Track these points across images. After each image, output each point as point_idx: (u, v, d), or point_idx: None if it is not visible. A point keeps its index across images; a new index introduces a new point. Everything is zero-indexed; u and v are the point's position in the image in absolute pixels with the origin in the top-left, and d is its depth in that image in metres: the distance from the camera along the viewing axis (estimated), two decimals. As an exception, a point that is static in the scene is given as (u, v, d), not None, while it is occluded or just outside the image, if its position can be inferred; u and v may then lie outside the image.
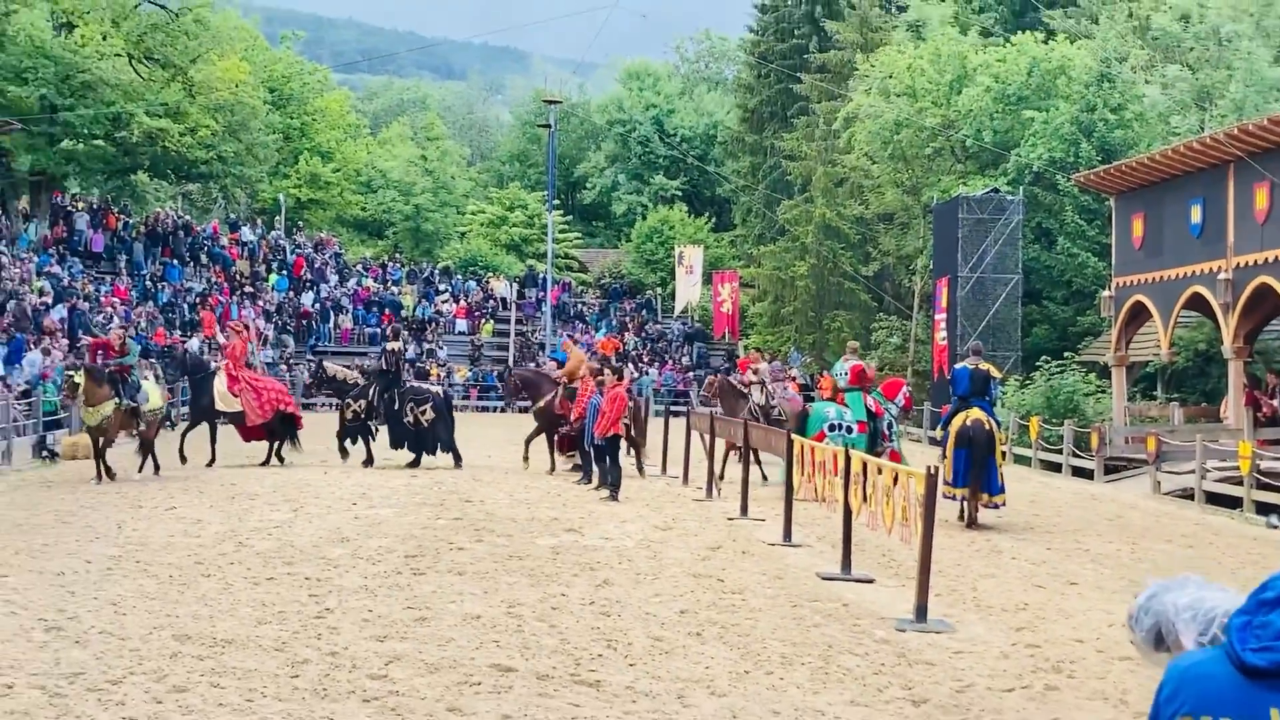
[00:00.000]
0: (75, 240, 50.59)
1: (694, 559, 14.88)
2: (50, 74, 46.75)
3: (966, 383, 19.66)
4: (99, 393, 21.54)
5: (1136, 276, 31.13)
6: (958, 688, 9.44)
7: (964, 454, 18.91)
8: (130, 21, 51.26)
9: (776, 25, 64.84)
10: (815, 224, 51.99)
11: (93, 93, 47.87)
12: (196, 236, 56.70)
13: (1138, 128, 41.17)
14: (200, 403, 25.59)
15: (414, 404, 25.43)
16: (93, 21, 49.62)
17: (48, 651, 9.68)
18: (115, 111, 48.31)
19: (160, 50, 51.63)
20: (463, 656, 9.82)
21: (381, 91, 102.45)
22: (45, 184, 51.02)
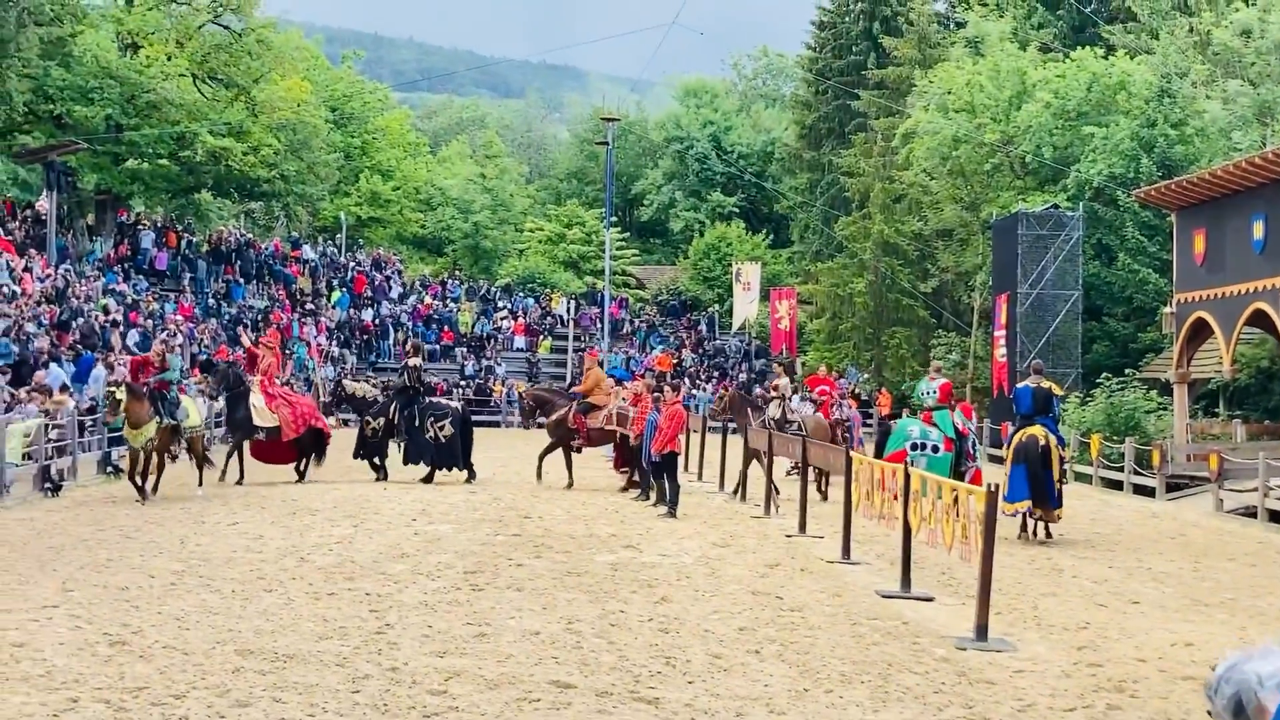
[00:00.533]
0: (140, 258, 51.11)
1: (752, 576, 14.84)
2: (116, 94, 47.25)
3: (1029, 401, 20.07)
4: (142, 412, 21.07)
5: (1198, 293, 30.83)
6: (1019, 707, 9.37)
7: (1022, 469, 19.29)
8: (194, 42, 51.75)
9: (834, 42, 64.77)
10: (873, 240, 51.84)
11: (157, 112, 48.34)
12: (259, 254, 57.18)
13: (1199, 143, 40.84)
14: (236, 417, 25.10)
15: (434, 419, 25.38)
16: (157, 42, 50.11)
17: (112, 666, 9.76)
18: (179, 131, 48.76)
19: (224, 70, 52.09)
20: (522, 673, 9.83)
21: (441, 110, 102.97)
22: (110, 203, 51.54)
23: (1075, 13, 53.88)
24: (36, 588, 13.04)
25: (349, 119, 68.88)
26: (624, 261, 69.24)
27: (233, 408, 25.21)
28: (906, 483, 13.80)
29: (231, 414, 25.31)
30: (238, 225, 64.24)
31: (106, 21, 50.19)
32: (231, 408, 25.28)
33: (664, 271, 73.53)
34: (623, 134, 74.57)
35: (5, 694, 8.90)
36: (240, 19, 52.43)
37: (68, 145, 44.98)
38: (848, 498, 16.49)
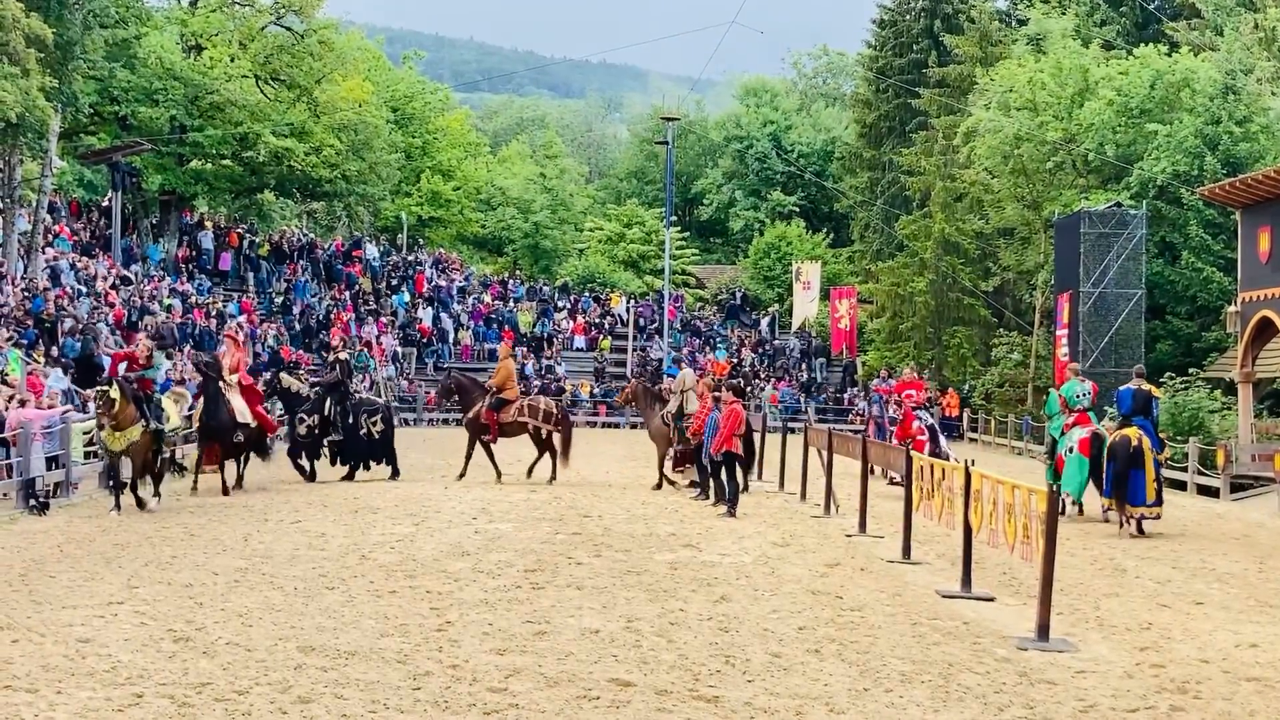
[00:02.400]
0: (203, 259, 51.56)
1: (812, 575, 14.81)
2: (180, 95, 47.72)
3: (1130, 402, 21.12)
4: (127, 413, 19.33)
5: (1263, 291, 30.49)
6: (1081, 708, 9.30)
7: (1111, 467, 20.36)
8: (257, 43, 52.18)
9: (895, 40, 64.56)
10: (934, 239, 51.58)
11: (221, 114, 48.78)
12: (321, 254, 57.56)
13: (1264, 140, 40.42)
14: (220, 418, 22.51)
15: (367, 415, 25.25)
16: (221, 44, 50.57)
17: (176, 662, 9.85)
18: (242, 132, 49.19)
19: (286, 71, 52.49)
20: (581, 671, 9.85)
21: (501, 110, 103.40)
22: (174, 203, 52.02)
23: (1138, 9, 53.46)
24: (102, 584, 13.18)
25: (410, 119, 69.19)
26: (683, 261, 69.27)
27: (212, 408, 22.57)
28: (968, 483, 13.73)
29: (213, 415, 22.52)
30: (300, 225, 64.69)
31: (171, 24, 50.71)
32: (211, 408, 22.58)
33: (724, 271, 73.51)
34: (682, 133, 74.60)
35: (72, 689, 9.00)
36: (302, 20, 52.83)
37: (133, 146, 45.48)
38: (908, 497, 16.42)
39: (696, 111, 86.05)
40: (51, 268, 39.17)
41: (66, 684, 9.13)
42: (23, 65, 31.91)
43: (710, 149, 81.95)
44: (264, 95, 51.61)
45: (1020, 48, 51.04)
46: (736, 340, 60.01)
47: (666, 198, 63.17)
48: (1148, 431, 20.64)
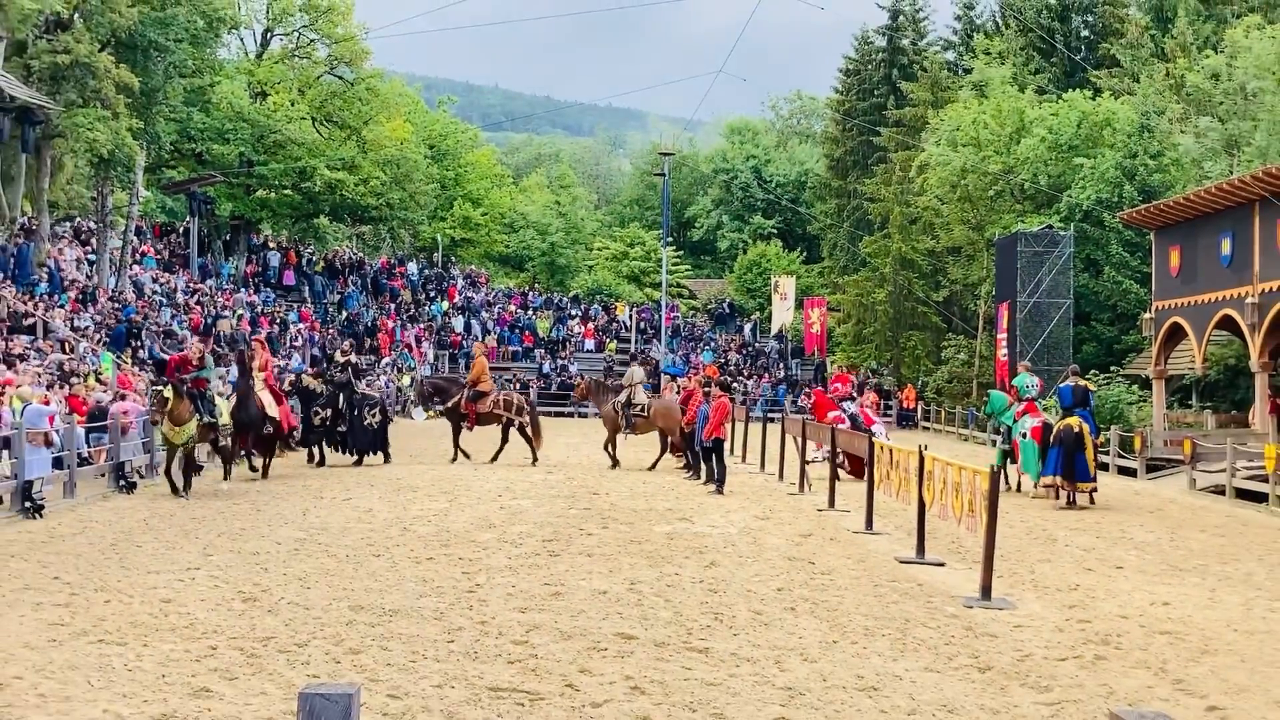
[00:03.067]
0: (269, 274, 51.58)
1: (789, 544, 14.81)
2: (247, 135, 47.73)
3: (1070, 397, 21.63)
4: (184, 410, 18.86)
5: (1174, 300, 30.50)
6: (1018, 657, 9.30)
7: (1058, 451, 20.76)
8: (314, 90, 52.21)
9: (858, 86, 64.54)
10: (893, 256, 51.59)
11: (282, 150, 48.80)
12: (368, 270, 57.60)
13: (1174, 172, 40.43)
14: (250, 412, 21.39)
15: (368, 408, 25.06)
16: (282, 90, 50.60)
17: (245, 619, 9.85)
18: (301, 166, 49.19)
19: (338, 114, 52.51)
20: (591, 626, 9.85)
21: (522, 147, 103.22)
22: (243, 227, 52.06)
23: (1066, 60, 53.43)
24: (181, 552, 13.19)
25: (444, 155, 69.14)
26: (678, 275, 69.26)
27: (244, 404, 21.47)
28: (921, 464, 13.73)
29: (244, 409, 21.42)
30: (350, 245, 64.68)
31: (240, 73, 50.70)
32: (243, 402, 21.48)
33: (713, 284, 73.53)
34: (677, 166, 74.52)
35: (156, 642, 9.01)
36: (352, 70, 52.87)
37: (207, 178, 45.49)
38: (870, 477, 16.42)
39: (689, 147, 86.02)
40: (136, 282, 39.17)
41: (151, 638, 9.13)
42: (113, 109, 31.91)
43: (701, 179, 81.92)
44: (319, 134, 51.62)
45: (966, 93, 51.02)
46: (724, 343, 59.99)
47: (663, 221, 63.09)
48: (1088, 420, 21.24)
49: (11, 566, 12.18)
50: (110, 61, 31.73)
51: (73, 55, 30.77)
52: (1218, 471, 23.96)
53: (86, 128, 31.09)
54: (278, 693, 7.80)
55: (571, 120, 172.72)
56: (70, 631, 9.29)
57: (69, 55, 30.75)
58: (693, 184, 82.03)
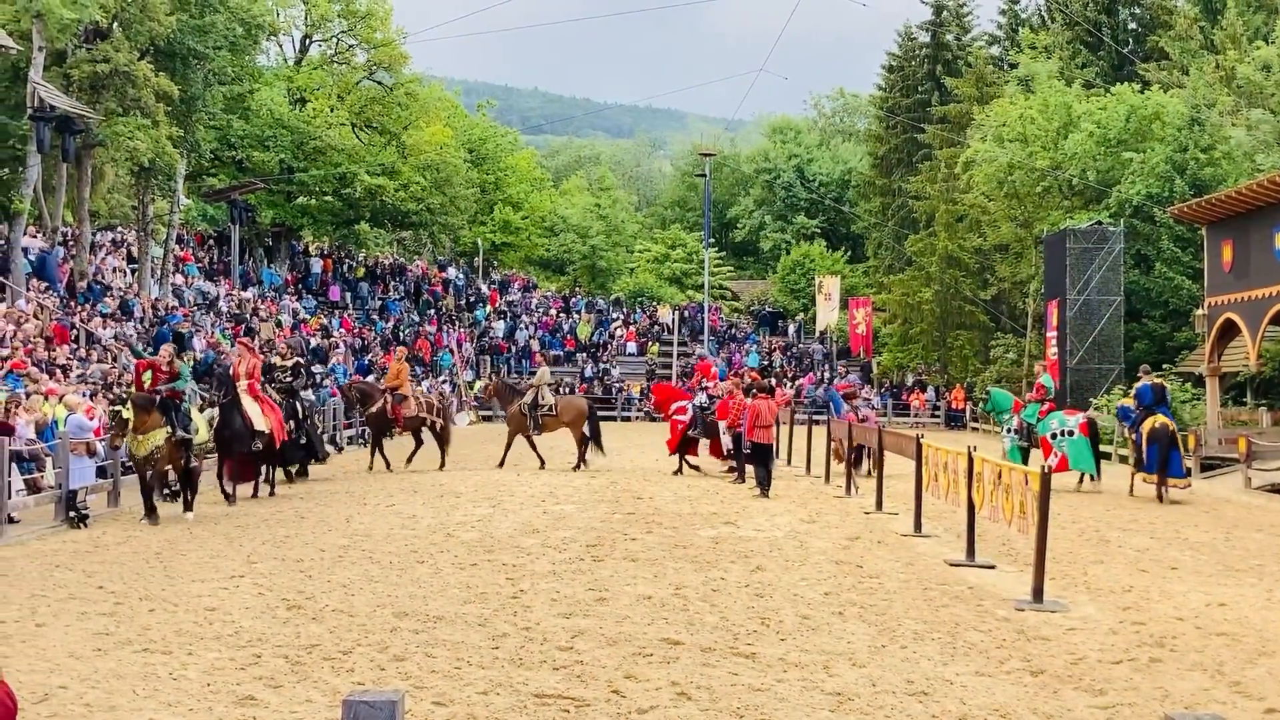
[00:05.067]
0: (310, 280, 51.95)
1: (836, 548, 14.75)
2: (288, 141, 48.09)
3: (1150, 395, 22.40)
4: (148, 420, 16.74)
5: (1227, 296, 30.18)
6: (1071, 660, 9.23)
7: (1155, 449, 21.41)
8: (353, 96, 52.54)
9: (902, 83, 64.26)
10: (939, 255, 51.35)
11: (322, 156, 49.12)
12: (409, 276, 57.91)
13: (1226, 165, 39.98)
14: (234, 427, 19.23)
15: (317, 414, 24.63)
16: (322, 96, 50.94)
17: (290, 626, 9.91)
18: (341, 172, 49.51)
19: (378, 119, 52.82)
20: (637, 631, 9.84)
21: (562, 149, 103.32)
22: (284, 234, 52.43)
23: (1114, 53, 52.98)
24: (226, 560, 13.28)
25: (484, 159, 69.37)
26: (720, 277, 69.14)
27: (227, 417, 19.34)
28: (971, 466, 13.65)
29: (228, 424, 19.26)
30: (391, 251, 65.02)
31: (279, 80, 51.06)
32: (225, 418, 19.35)
33: (755, 285, 73.36)
34: (718, 167, 74.47)
35: (201, 650, 9.07)
36: (391, 75, 53.20)
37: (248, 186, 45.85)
38: (919, 478, 16.34)
39: (730, 148, 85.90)
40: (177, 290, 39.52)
41: (196, 646, 9.20)
42: (153, 117, 32.21)
43: (742, 180, 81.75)
44: (359, 140, 51.93)
45: (1011, 88, 50.67)
46: (767, 345, 59.89)
47: (705, 223, 63.02)
48: (1171, 418, 22.20)
49: (57, 576, 12.30)
50: (150, 70, 32.04)
51: (112, 64, 31.08)
52: (1274, 470, 23.75)
53: (127, 136, 31.40)
54: (323, 700, 7.84)
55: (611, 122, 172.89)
56: (115, 640, 9.37)
57: (108, 64, 31.07)
58: (734, 184, 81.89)
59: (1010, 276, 47.94)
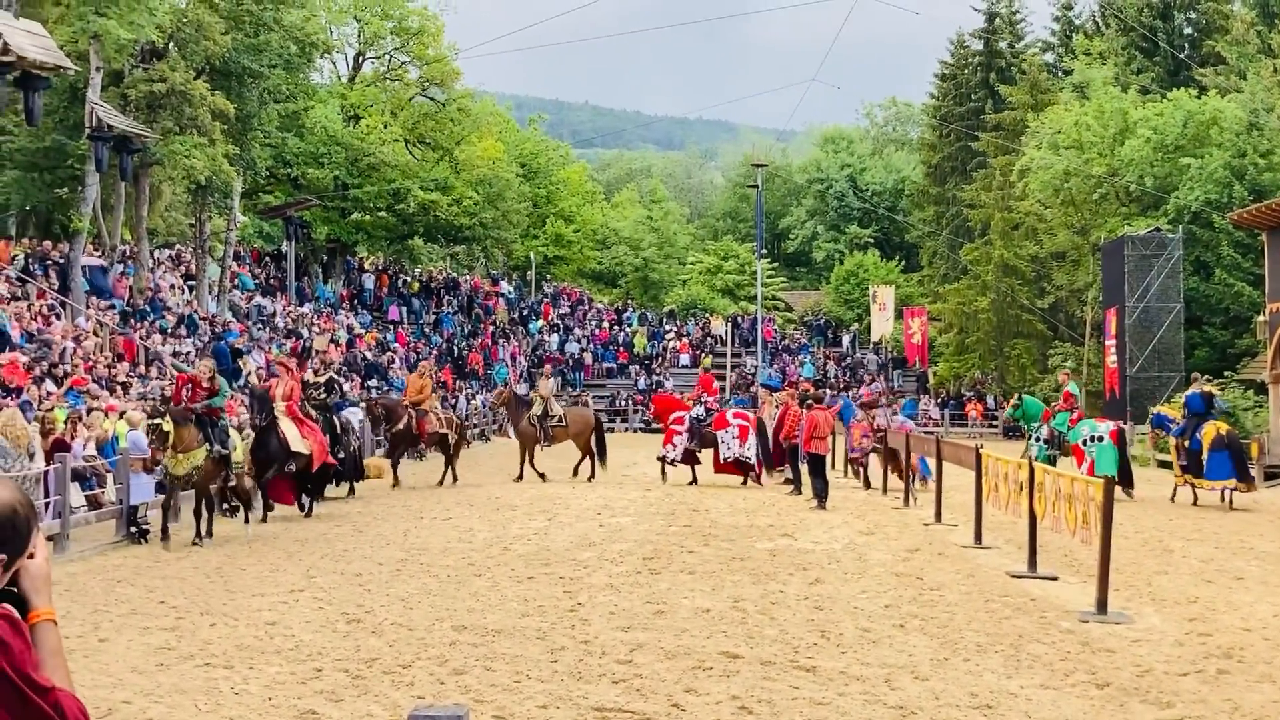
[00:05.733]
0: (365, 296, 52.33)
1: (895, 560, 14.65)
2: (341, 158, 48.46)
3: (1200, 403, 22.43)
4: (186, 437, 16.31)
5: (1289, 302, 29.80)
6: (1137, 672, 9.10)
7: (1222, 455, 21.40)
8: (406, 112, 52.90)
9: (955, 91, 63.95)
10: (994, 263, 51.02)
11: (376, 173, 49.45)
12: (463, 289, 58.21)
13: (1285, 170, 39.60)
14: (270, 448, 18.84)
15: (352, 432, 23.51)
16: (375, 113, 51.29)
17: (350, 640, 9.94)
18: (395, 188, 49.82)
19: (431, 135, 53.13)
20: (696, 645, 9.80)
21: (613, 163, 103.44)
22: (339, 249, 52.82)
23: (1170, 58, 52.49)
24: (285, 575, 13.36)
25: (536, 173, 69.58)
26: (773, 288, 68.96)
27: (263, 439, 19.03)
28: (1032, 476, 13.52)
29: (263, 445, 18.94)
30: (445, 266, 65.36)
31: (333, 97, 51.46)
32: (262, 439, 19.06)
33: (809, 296, 73.11)
34: (770, 178, 74.31)
35: (262, 665, 9.12)
36: (443, 91, 53.50)
37: (303, 202, 46.22)
38: (979, 489, 16.20)
39: (782, 158, 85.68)
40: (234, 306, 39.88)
41: (257, 661, 9.25)
42: (210, 136, 32.53)
43: (795, 190, 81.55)
44: (412, 156, 52.23)
45: (1066, 94, 50.31)
46: (822, 356, 59.68)
47: (757, 233, 62.84)
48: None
49: (118, 591, 12.42)
50: (205, 89, 32.37)
51: (169, 83, 31.42)
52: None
53: (184, 155, 31.72)
54: (384, 714, 7.85)
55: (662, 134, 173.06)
56: (177, 655, 9.44)
57: (165, 84, 31.41)
58: (786, 195, 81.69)
59: (1067, 284, 47.55)
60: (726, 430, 25.29)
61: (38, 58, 24.12)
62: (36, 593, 2.98)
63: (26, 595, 2.96)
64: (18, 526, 2.90)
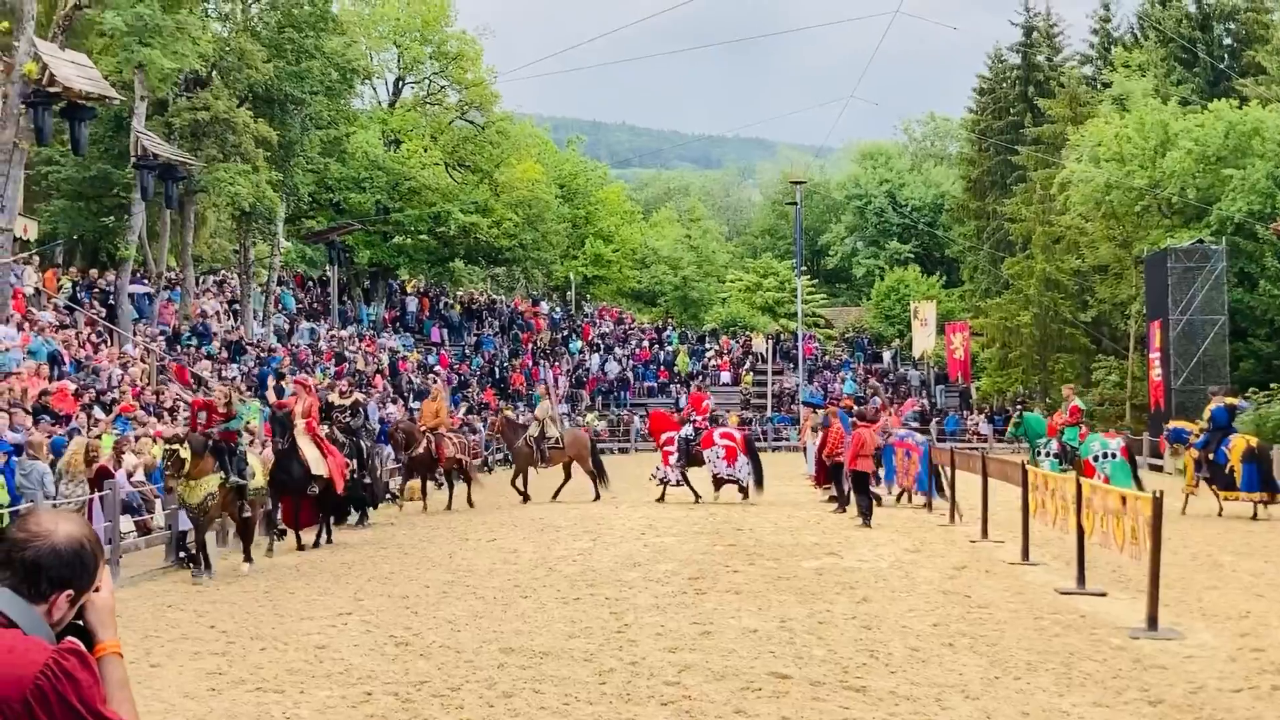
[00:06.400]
0: (407, 318, 52.60)
1: (942, 577, 14.54)
2: (383, 182, 48.81)
3: (1225, 416, 22.49)
4: (200, 464, 15.63)
5: (1337, 313, 29.48)
6: (1190, 689, 8.99)
7: (1254, 467, 21.53)
8: (446, 135, 53.24)
9: (994, 105, 63.80)
10: (1036, 277, 50.74)
11: (417, 196, 49.79)
12: (503, 311, 58.44)
13: (1330, 180, 39.23)
14: (292, 472, 18.31)
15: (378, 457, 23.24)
16: (416, 137, 51.67)
17: (398, 663, 9.96)
18: (435, 211, 50.12)
19: (470, 158, 53.45)
20: (744, 665, 9.76)
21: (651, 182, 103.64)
22: (381, 273, 53.14)
23: (1210, 69, 52.16)
24: (333, 598, 13.41)
25: (574, 194, 69.82)
26: (814, 305, 68.86)
27: (284, 462, 18.43)
28: (1079, 491, 13.41)
29: (284, 469, 18.36)
30: (485, 287, 65.62)
31: (374, 123, 51.87)
32: (283, 462, 18.44)
33: (849, 312, 72.96)
34: (809, 194, 74.24)
35: (312, 689, 9.14)
36: (482, 115, 53.84)
37: (345, 227, 46.58)
38: (1025, 505, 16.07)
39: (820, 175, 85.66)
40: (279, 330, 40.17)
41: (308, 685, 9.27)
42: (253, 163, 32.85)
43: (833, 206, 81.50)
44: (452, 179, 52.55)
45: (1106, 107, 50.06)
46: (863, 372, 59.51)
47: (796, 250, 62.85)
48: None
49: (169, 616, 12.50)
50: (248, 116, 32.69)
51: (212, 111, 31.77)
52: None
53: (228, 182, 32.04)
54: (433, 738, 7.85)
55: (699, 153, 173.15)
56: (228, 680, 9.48)
57: (208, 112, 31.76)
58: (825, 211, 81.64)
59: (1110, 297, 47.21)
60: (713, 449, 25.58)
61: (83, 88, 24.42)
62: (102, 626, 3.01)
63: (92, 628, 2.99)
64: (85, 561, 2.93)
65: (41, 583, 2.89)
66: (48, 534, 2.91)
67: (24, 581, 2.88)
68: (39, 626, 2.87)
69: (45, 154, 29.96)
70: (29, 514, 3.07)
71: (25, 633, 2.82)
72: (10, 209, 24.40)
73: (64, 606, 2.92)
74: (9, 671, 2.72)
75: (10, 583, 2.88)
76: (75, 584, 2.92)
